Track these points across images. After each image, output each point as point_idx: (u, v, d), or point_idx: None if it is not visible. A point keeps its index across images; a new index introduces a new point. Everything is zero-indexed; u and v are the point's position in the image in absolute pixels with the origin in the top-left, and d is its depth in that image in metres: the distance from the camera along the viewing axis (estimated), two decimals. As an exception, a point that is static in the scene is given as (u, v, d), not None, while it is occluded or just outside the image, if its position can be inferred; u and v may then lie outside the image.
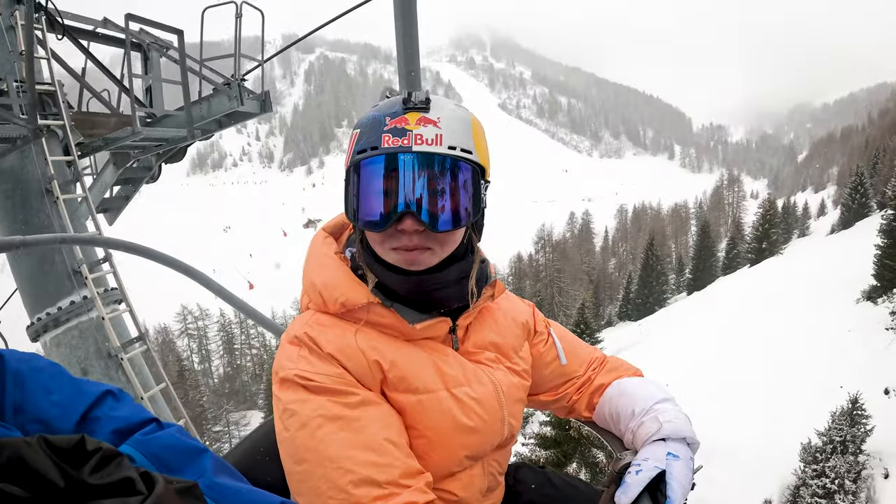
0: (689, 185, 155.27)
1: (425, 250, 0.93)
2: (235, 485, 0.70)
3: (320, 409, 0.88)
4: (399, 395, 0.96)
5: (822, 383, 15.54)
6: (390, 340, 0.98)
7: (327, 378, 0.90)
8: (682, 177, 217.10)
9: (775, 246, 35.93)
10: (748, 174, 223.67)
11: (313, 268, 1.04)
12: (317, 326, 0.97)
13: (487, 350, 1.10)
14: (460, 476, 1.03)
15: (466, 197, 0.94)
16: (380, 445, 0.86)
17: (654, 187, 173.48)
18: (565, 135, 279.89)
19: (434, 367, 0.99)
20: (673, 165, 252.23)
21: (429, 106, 0.92)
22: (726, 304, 28.17)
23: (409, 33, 1.98)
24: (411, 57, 2.02)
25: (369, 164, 0.91)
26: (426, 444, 0.97)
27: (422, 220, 0.90)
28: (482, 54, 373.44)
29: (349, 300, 0.96)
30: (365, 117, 0.95)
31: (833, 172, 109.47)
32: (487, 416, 1.02)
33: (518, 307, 1.23)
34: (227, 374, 55.41)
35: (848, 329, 19.20)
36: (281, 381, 0.93)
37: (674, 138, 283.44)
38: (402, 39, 1.99)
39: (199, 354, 56.35)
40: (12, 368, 0.65)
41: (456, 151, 0.91)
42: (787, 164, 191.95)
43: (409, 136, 0.89)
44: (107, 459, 0.42)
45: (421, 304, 1.00)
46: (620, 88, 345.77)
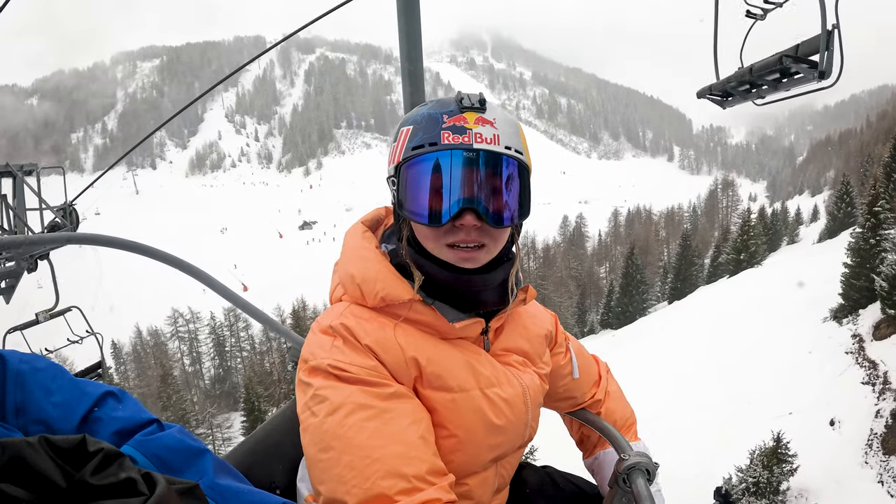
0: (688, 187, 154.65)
1: (480, 248, 0.95)
2: (236, 485, 0.69)
3: (352, 396, 0.86)
4: (433, 393, 0.96)
5: (774, 408, 15.28)
6: (427, 337, 0.98)
7: (361, 369, 0.89)
8: (680, 179, 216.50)
9: (755, 257, 35.68)
10: (747, 176, 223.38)
11: (352, 260, 1.03)
12: (353, 318, 0.96)
13: (515, 353, 1.12)
14: (478, 475, 1.05)
15: (521, 195, 0.96)
16: (409, 439, 0.85)
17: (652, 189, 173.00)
18: (564, 136, 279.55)
19: (469, 367, 1.00)
20: (672, 167, 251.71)
21: (485, 107, 0.94)
22: (697, 317, 27.86)
23: (412, 31, 1.94)
24: (414, 56, 1.99)
25: (429, 159, 0.91)
26: (455, 444, 0.97)
27: (482, 216, 0.91)
28: (483, 55, 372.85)
29: (390, 295, 0.96)
30: (416, 114, 0.96)
31: (830, 176, 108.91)
32: (514, 417, 1.04)
33: (542, 315, 1.26)
34: (218, 376, 55.69)
35: (809, 350, 18.90)
36: (312, 369, 0.92)
37: (673, 140, 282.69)
38: (404, 38, 1.95)
39: (189, 357, 56.56)
40: (13, 369, 0.66)
41: (511, 151, 0.93)
42: (785, 166, 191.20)
43: (469, 134, 0.90)
44: (108, 460, 0.42)
45: (462, 304, 1.01)
46: (621, 89, 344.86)
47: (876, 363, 15.63)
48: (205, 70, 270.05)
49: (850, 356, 17.29)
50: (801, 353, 18.94)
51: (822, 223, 56.06)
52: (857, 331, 18.66)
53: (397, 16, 1.92)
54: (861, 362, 16.48)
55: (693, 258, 45.72)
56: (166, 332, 56.64)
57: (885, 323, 17.49)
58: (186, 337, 56.85)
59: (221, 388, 53.98)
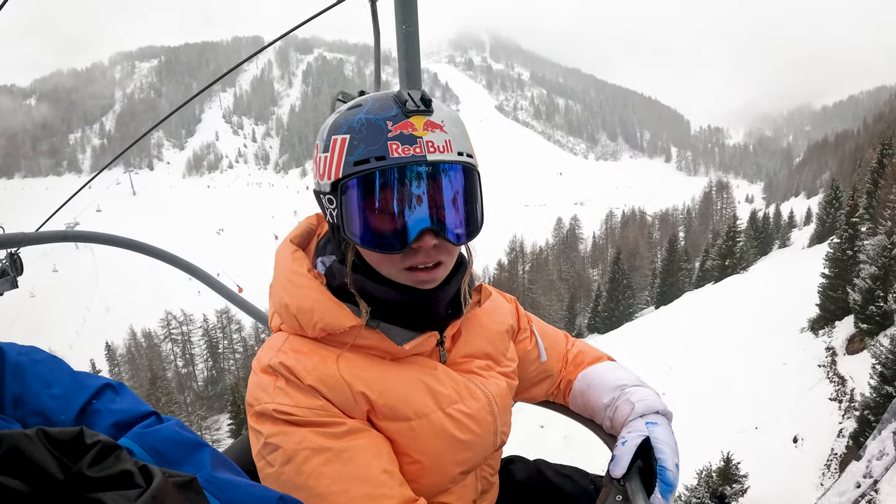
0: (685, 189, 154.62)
1: (438, 266, 0.87)
2: (234, 479, 0.69)
3: (305, 441, 0.81)
4: (390, 424, 0.89)
5: (742, 422, 15.26)
6: (375, 363, 0.91)
7: (309, 411, 0.83)
8: (678, 180, 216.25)
9: (740, 262, 35.65)
10: (745, 177, 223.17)
11: (285, 287, 0.93)
12: (293, 354, 0.88)
13: (477, 358, 1.04)
14: (454, 490, 1.00)
15: (478, 204, 0.89)
16: (373, 476, 0.81)
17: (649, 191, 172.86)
18: (561, 137, 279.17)
19: (425, 388, 0.92)
20: (669, 168, 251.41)
21: (431, 108, 0.83)
22: (678, 324, 27.75)
23: (409, 30, 1.90)
24: (412, 56, 1.94)
25: (378, 177, 0.80)
26: (420, 469, 0.92)
27: (443, 235, 0.83)
28: (481, 55, 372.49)
29: (329, 324, 0.87)
30: (349, 120, 0.83)
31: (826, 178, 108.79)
32: (481, 430, 0.98)
33: (501, 308, 1.17)
34: (212, 378, 55.85)
35: (784, 362, 18.86)
36: (258, 414, 0.85)
37: (671, 140, 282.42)
38: (402, 37, 1.91)
39: (183, 359, 56.71)
40: (12, 361, 0.65)
41: (464, 157, 0.85)
42: (783, 168, 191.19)
43: (420, 143, 0.80)
44: (105, 452, 0.42)
45: (413, 322, 0.92)
46: (619, 90, 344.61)
47: (845, 379, 15.56)
48: (203, 70, 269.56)
49: (823, 369, 17.26)
50: (776, 365, 18.92)
51: (814, 227, 56.06)
52: (832, 343, 18.62)
53: (395, 14, 1.88)
54: (831, 377, 16.43)
55: (681, 262, 45.67)
56: (160, 335, 56.76)
57: (858, 337, 17.38)
58: (179, 339, 56.96)
59: (214, 390, 54.17)
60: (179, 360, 56.77)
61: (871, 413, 11.18)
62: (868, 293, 16.81)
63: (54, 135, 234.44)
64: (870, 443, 1.68)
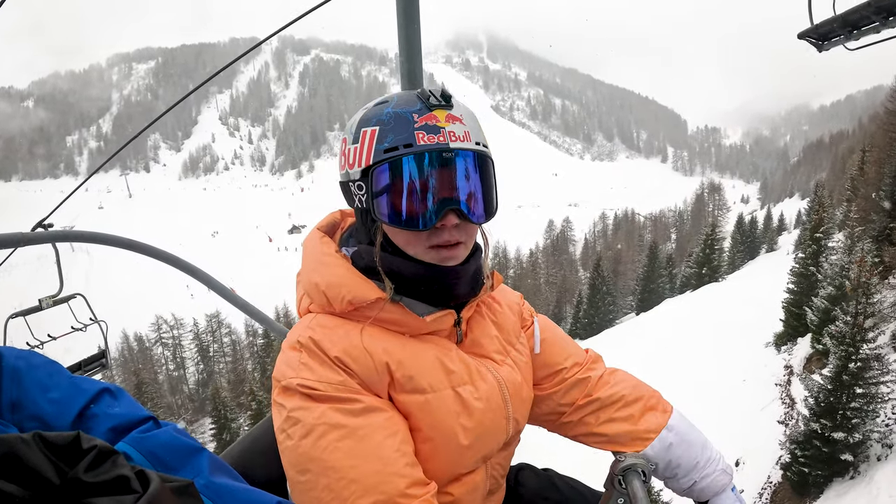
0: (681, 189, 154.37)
1: (459, 244, 0.96)
2: (232, 484, 0.69)
3: (323, 416, 0.86)
4: (407, 396, 0.95)
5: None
6: (396, 337, 0.98)
7: (330, 386, 0.88)
8: (674, 180, 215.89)
9: (717, 271, 35.52)
10: (741, 178, 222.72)
11: (314, 267, 1.01)
12: (320, 329, 0.95)
13: (492, 342, 1.10)
14: (464, 480, 1.03)
15: (493, 189, 0.98)
16: (385, 455, 0.85)
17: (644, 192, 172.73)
18: (557, 137, 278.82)
19: (439, 364, 0.99)
20: (666, 168, 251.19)
21: (451, 103, 0.94)
22: (650, 333, 27.55)
23: (411, 30, 1.91)
24: (412, 55, 1.95)
25: (406, 162, 0.89)
26: (431, 448, 0.96)
27: (464, 215, 0.92)
28: (479, 55, 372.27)
29: (357, 297, 0.95)
30: (378, 114, 0.93)
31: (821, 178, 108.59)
32: (492, 413, 1.02)
33: (511, 297, 1.25)
34: (202, 381, 55.99)
35: (743, 379, 18.72)
36: (283, 389, 0.91)
37: (668, 141, 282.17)
38: (403, 36, 1.92)
39: (174, 362, 56.90)
40: (10, 365, 0.66)
41: (481, 147, 0.95)
42: (779, 168, 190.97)
43: (443, 133, 0.90)
44: (102, 457, 0.42)
45: (435, 298, 1.00)
46: (616, 90, 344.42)
47: (795, 402, 15.30)
48: (199, 72, 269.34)
49: (778, 389, 17.09)
50: (736, 381, 18.71)
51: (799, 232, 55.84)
52: (790, 361, 18.34)
53: (397, 15, 1.88)
54: (783, 398, 16.19)
55: (662, 269, 45.51)
56: (151, 339, 57.05)
57: (816, 357, 17.06)
58: (170, 343, 57.20)
59: (205, 393, 54.28)
60: (171, 364, 57.03)
61: (798, 448, 10.98)
62: (825, 314, 16.55)
63: (51, 137, 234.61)
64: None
